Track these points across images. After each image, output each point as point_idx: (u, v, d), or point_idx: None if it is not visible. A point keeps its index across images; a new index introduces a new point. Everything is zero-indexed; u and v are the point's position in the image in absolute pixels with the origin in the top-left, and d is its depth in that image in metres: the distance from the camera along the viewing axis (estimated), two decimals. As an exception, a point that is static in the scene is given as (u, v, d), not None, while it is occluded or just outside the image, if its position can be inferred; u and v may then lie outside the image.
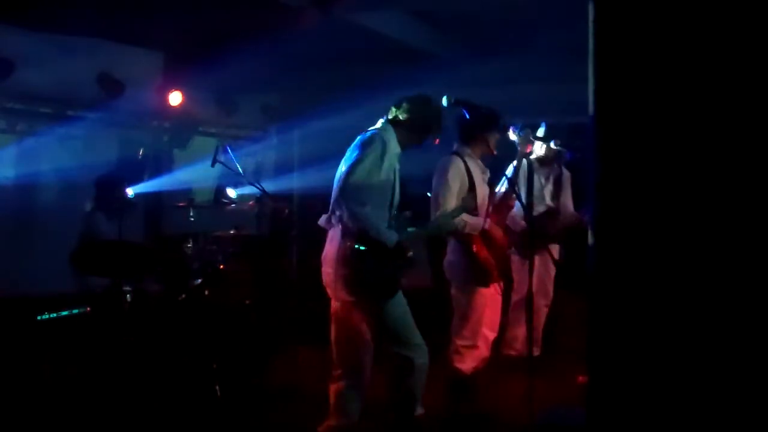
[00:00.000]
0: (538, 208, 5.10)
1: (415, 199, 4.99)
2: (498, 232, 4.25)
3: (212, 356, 4.55)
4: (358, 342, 3.55)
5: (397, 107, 3.63)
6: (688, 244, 1.68)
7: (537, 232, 5.03)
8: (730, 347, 1.66)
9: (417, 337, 3.54)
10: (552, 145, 4.95)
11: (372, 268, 3.38)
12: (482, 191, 4.18)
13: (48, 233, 5.93)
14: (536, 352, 5.28)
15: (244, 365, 4.91)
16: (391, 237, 3.39)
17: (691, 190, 1.68)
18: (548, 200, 5.24)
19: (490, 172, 4.35)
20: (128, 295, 4.64)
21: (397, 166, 3.59)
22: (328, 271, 3.57)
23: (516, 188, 4.09)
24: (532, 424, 3.46)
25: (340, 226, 3.44)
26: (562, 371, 4.97)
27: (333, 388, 3.62)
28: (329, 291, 3.61)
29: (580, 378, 4.76)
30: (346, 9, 5.58)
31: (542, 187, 5.20)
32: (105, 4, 5.25)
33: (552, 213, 5.19)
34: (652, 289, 1.72)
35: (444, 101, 3.59)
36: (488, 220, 4.14)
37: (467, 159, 4.20)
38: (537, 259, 5.13)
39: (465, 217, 4.08)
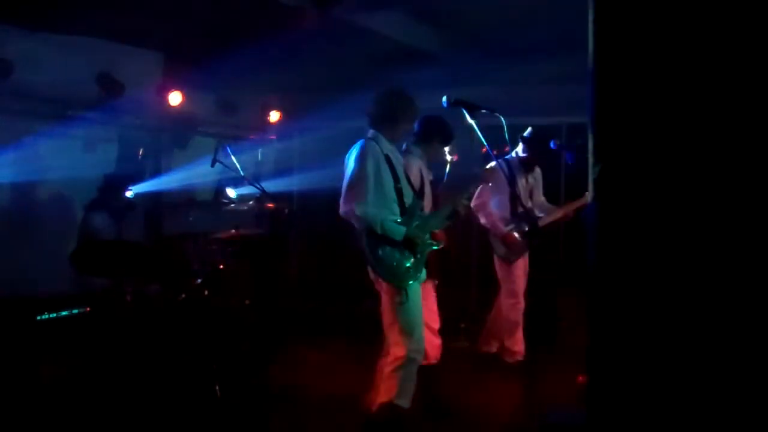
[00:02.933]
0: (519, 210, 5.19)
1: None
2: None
3: (212, 356, 4.55)
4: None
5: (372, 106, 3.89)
6: (688, 243, 1.68)
7: (524, 234, 5.12)
8: (730, 347, 1.66)
9: (419, 334, 3.65)
10: (551, 145, 5.02)
11: (383, 257, 3.61)
12: (428, 191, 4.32)
13: (48, 233, 5.93)
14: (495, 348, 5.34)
15: (244, 365, 4.91)
16: (398, 230, 3.62)
17: (691, 189, 1.68)
18: (528, 202, 5.31)
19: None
20: (128, 295, 4.64)
21: (396, 161, 3.80)
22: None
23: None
24: (532, 424, 3.46)
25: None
26: (562, 371, 4.98)
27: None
28: None
29: (580, 378, 4.77)
30: (346, 9, 5.58)
31: (524, 189, 5.28)
32: (105, 4, 5.25)
33: (529, 214, 5.25)
34: (651, 289, 1.72)
35: (444, 101, 3.60)
36: None
37: (420, 159, 4.33)
38: (522, 262, 5.22)
39: None
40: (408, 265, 3.65)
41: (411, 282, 3.65)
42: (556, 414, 3.60)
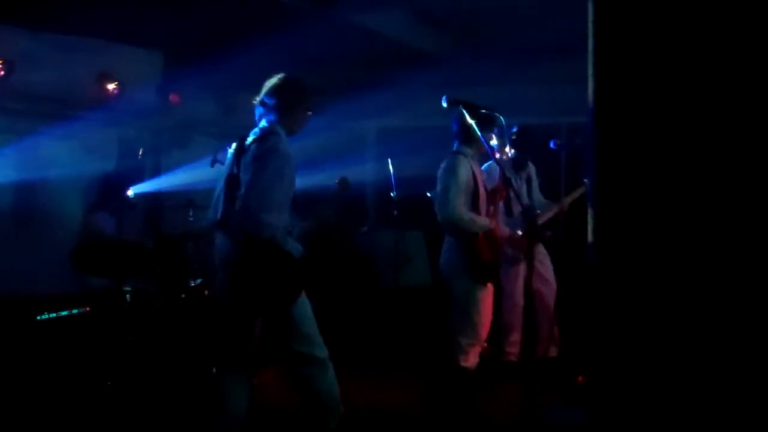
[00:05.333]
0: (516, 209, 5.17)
1: (416, 198, 5.03)
2: (498, 232, 4.28)
3: (212, 356, 4.55)
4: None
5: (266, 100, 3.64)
6: (688, 243, 1.68)
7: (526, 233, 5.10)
8: (729, 346, 1.66)
9: (319, 335, 3.55)
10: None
11: (279, 276, 3.42)
12: (482, 191, 4.20)
13: (48, 233, 5.92)
14: (554, 352, 5.29)
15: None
16: (296, 247, 3.44)
17: (690, 188, 1.68)
18: (525, 199, 5.30)
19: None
20: (128, 295, 4.63)
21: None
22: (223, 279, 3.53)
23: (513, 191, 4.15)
24: (532, 424, 3.46)
25: (233, 235, 3.38)
26: (562, 371, 4.97)
27: None
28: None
29: (580, 378, 4.76)
30: (346, 9, 5.58)
31: (518, 188, 5.27)
32: (105, 4, 5.25)
33: (529, 212, 5.23)
34: (651, 289, 1.72)
35: (443, 101, 3.59)
36: (493, 220, 4.22)
37: (470, 159, 4.23)
38: (523, 264, 5.17)
39: (474, 216, 4.12)
40: None
41: None
42: (556, 414, 3.60)
